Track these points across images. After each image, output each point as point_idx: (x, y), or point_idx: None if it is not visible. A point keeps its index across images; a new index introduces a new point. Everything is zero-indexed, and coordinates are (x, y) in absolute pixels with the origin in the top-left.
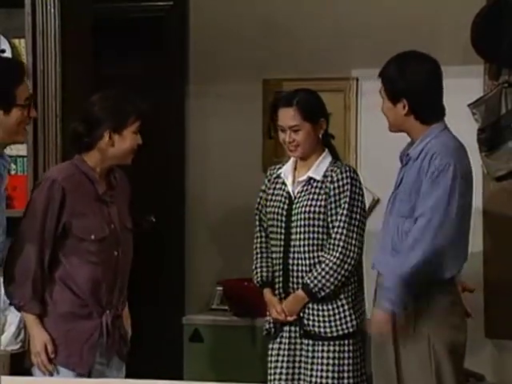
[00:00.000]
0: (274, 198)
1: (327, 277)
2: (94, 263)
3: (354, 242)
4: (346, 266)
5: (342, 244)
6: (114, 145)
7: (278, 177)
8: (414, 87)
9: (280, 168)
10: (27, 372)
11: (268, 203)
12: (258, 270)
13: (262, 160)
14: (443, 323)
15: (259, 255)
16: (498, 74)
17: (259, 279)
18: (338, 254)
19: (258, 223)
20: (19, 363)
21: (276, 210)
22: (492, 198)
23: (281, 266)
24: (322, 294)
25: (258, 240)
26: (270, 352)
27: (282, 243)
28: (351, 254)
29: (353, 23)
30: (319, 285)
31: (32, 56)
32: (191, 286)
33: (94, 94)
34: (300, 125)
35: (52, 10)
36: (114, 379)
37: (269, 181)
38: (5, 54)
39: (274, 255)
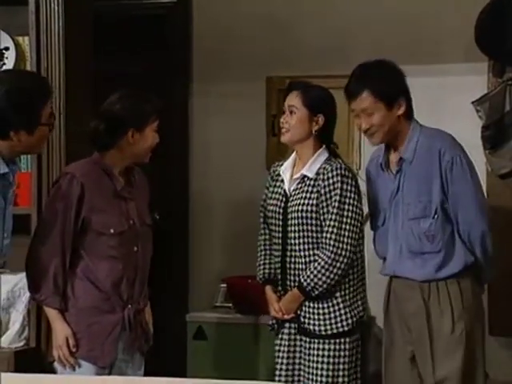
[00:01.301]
0: (273, 195)
1: (319, 275)
2: (114, 258)
3: (345, 239)
4: (338, 264)
5: (332, 243)
6: (136, 143)
7: (279, 174)
8: (405, 84)
9: (282, 165)
10: (30, 369)
11: (268, 201)
12: (261, 266)
13: (265, 158)
14: (475, 315)
15: (263, 252)
16: (502, 72)
17: (261, 276)
18: (329, 253)
19: (262, 220)
20: (23, 360)
21: (274, 208)
22: (496, 196)
23: (279, 264)
24: (316, 292)
25: (262, 237)
26: (275, 348)
27: (280, 241)
28: (343, 252)
29: (355, 20)
30: (312, 283)
31: (36, 54)
32: (195, 283)
33: (95, 91)
34: (297, 107)
35: (56, 8)
36: (117, 377)
37: (271, 178)
38: (8, 52)
39: (275, 253)
